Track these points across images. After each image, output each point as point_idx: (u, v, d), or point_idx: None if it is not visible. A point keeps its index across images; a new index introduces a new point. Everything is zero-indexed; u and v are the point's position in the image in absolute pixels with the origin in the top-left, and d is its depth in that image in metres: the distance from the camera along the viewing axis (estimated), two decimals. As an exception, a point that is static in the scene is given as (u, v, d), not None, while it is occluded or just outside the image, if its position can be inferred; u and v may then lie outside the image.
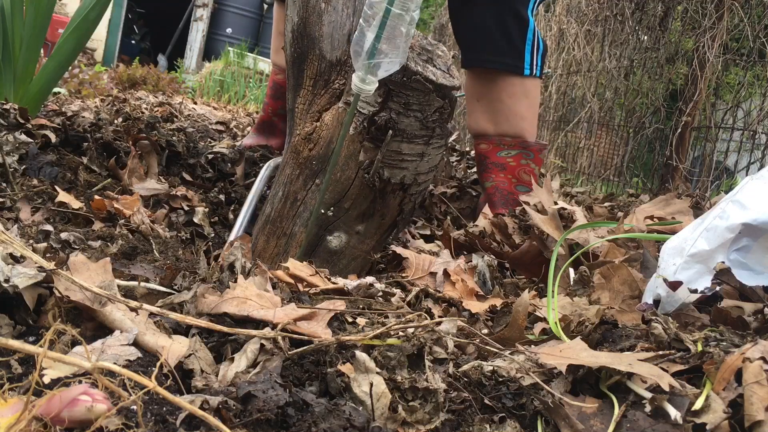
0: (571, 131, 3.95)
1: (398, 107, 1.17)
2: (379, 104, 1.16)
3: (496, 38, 1.89)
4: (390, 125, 1.16)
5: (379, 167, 1.19)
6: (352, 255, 1.30)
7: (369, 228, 1.29)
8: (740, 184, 1.05)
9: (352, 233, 1.28)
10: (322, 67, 1.27)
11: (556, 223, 1.43)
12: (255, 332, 0.81)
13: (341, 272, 1.30)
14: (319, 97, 1.27)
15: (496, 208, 1.89)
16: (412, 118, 1.18)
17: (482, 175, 1.97)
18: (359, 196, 1.24)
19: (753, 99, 2.85)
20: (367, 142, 1.19)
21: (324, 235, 1.28)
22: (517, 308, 0.95)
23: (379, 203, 1.26)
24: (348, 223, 1.27)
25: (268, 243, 1.33)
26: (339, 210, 1.25)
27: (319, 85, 1.28)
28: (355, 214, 1.26)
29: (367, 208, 1.26)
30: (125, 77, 5.58)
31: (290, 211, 1.29)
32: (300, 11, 1.27)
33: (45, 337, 0.59)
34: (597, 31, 3.67)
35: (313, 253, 1.28)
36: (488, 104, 1.94)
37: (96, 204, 1.40)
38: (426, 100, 1.18)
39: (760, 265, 0.98)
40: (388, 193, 1.25)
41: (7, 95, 2.01)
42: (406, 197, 1.28)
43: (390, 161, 1.20)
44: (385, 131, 1.16)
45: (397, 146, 1.19)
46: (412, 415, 0.72)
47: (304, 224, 1.27)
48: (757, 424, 0.68)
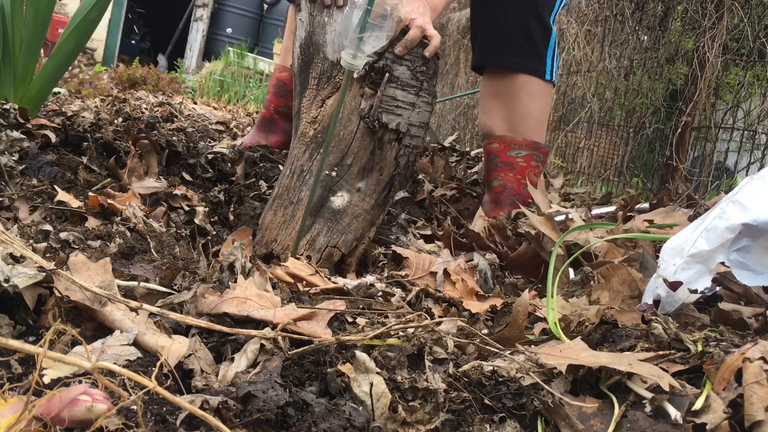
0: (571, 131, 3.95)
1: (392, 56, 1.37)
2: (377, 56, 1.36)
3: (521, 41, 1.94)
4: (387, 69, 1.36)
5: (378, 110, 1.36)
6: (354, 213, 1.42)
7: (369, 184, 1.43)
8: (740, 184, 1.04)
9: (354, 191, 1.42)
10: (325, 66, 1.44)
11: (552, 225, 1.43)
12: (255, 332, 0.81)
13: (344, 231, 1.42)
14: (323, 90, 1.44)
15: (502, 207, 1.89)
16: (404, 66, 1.38)
17: (490, 174, 1.97)
18: (360, 148, 1.39)
19: (753, 99, 2.85)
20: (368, 88, 1.37)
21: (328, 196, 1.41)
22: (517, 308, 0.95)
23: (378, 155, 1.41)
24: (350, 181, 1.41)
25: (275, 215, 1.44)
26: (342, 168, 1.40)
27: (322, 81, 1.44)
28: (357, 170, 1.41)
29: (367, 161, 1.40)
30: (125, 77, 5.58)
31: (297, 182, 1.43)
32: (307, 27, 1.47)
33: (45, 337, 0.59)
34: (597, 31, 3.67)
35: (318, 214, 1.40)
36: (505, 102, 1.97)
37: (90, 201, 1.40)
38: (416, 53, 1.39)
39: (760, 265, 0.98)
40: (386, 143, 1.40)
41: (7, 95, 2.01)
42: (401, 149, 1.42)
43: (387, 106, 1.37)
44: (383, 75, 1.36)
45: (392, 92, 1.37)
46: (412, 415, 0.72)
47: (309, 188, 1.40)
48: (757, 424, 0.68)
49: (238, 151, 2.10)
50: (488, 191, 1.98)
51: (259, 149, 2.20)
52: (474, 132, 4.91)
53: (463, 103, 5.12)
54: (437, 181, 2.22)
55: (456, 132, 4.81)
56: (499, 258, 1.48)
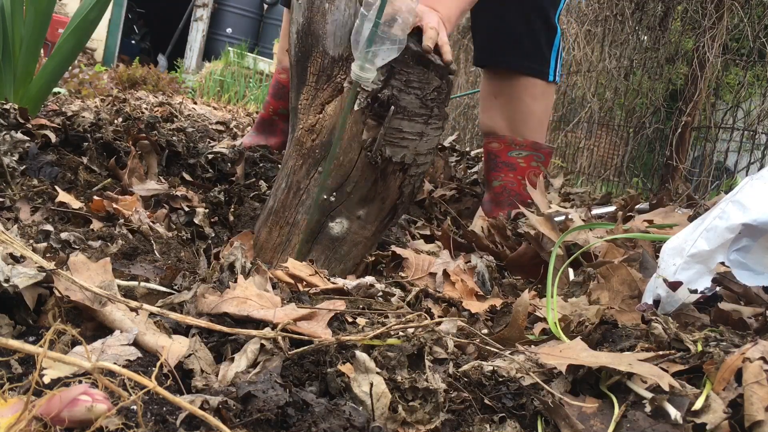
0: (571, 131, 3.95)
1: (400, 84, 1.20)
2: (382, 82, 1.20)
3: (525, 42, 1.92)
4: (392, 101, 1.20)
5: (381, 144, 1.22)
6: (354, 241, 1.33)
7: (370, 213, 1.32)
8: (740, 184, 1.04)
9: (354, 218, 1.30)
10: (325, 62, 1.29)
11: (552, 225, 1.43)
12: (255, 332, 0.81)
13: (342, 259, 1.33)
14: (322, 92, 1.30)
15: (502, 207, 1.89)
16: (412, 95, 1.22)
17: (490, 174, 1.96)
18: (361, 179, 1.27)
19: (753, 99, 2.85)
20: (371, 120, 1.22)
21: (326, 222, 1.30)
22: (517, 308, 0.95)
23: (381, 185, 1.28)
24: (350, 208, 1.30)
25: (270, 234, 1.35)
26: (341, 194, 1.28)
27: (322, 80, 1.30)
28: (357, 198, 1.29)
29: (368, 191, 1.28)
30: (125, 77, 5.58)
31: (293, 201, 1.31)
32: (305, 12, 1.30)
33: (45, 337, 0.59)
34: (597, 31, 3.67)
35: (315, 240, 1.30)
36: (507, 103, 1.95)
37: (95, 205, 1.39)
38: (426, 78, 1.23)
39: (760, 265, 0.98)
40: (389, 174, 1.28)
41: (7, 95, 2.01)
42: (405, 179, 1.31)
43: (391, 139, 1.24)
44: (388, 107, 1.20)
45: (398, 124, 1.23)
46: (412, 415, 0.72)
47: (307, 212, 1.29)
48: (757, 424, 0.68)
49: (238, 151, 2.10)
50: (488, 191, 1.98)
51: (258, 149, 2.20)
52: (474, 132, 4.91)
53: (463, 103, 5.12)
54: (437, 181, 2.22)
55: (456, 132, 4.80)
56: (499, 258, 1.49)
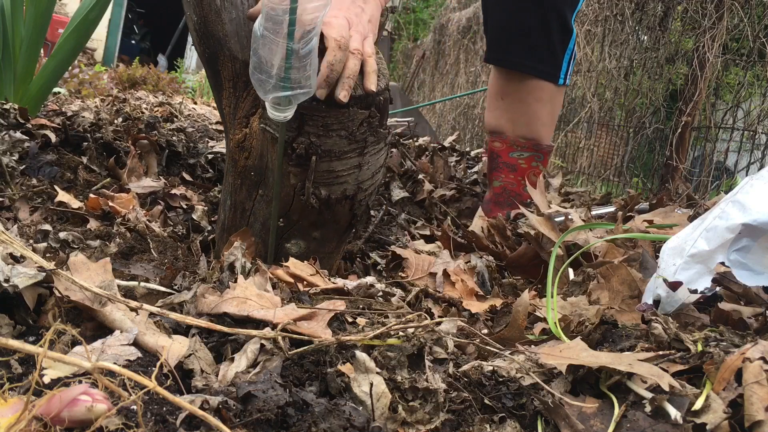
0: (571, 131, 3.95)
1: (317, 130, 1.05)
2: (296, 129, 1.04)
3: (538, 42, 1.85)
4: (312, 150, 1.05)
5: (312, 190, 1.09)
6: (319, 256, 1.25)
7: (326, 233, 1.22)
8: (740, 184, 1.04)
9: (310, 239, 1.22)
10: (237, 67, 1.17)
11: (552, 225, 1.43)
12: (255, 332, 0.81)
13: None
14: (243, 101, 1.19)
15: (502, 208, 1.89)
16: (335, 137, 1.06)
17: (491, 174, 1.96)
18: (304, 210, 1.16)
19: (753, 99, 2.85)
20: (293, 167, 1.07)
21: (282, 243, 1.22)
22: (517, 308, 0.95)
23: (328, 214, 1.17)
24: (302, 231, 1.20)
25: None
26: (289, 221, 1.18)
27: (239, 87, 1.19)
28: (307, 224, 1.19)
29: (316, 219, 1.18)
30: (125, 77, 5.58)
31: (241, 221, 1.24)
32: (196, 9, 1.16)
33: (45, 337, 0.59)
34: (597, 31, 3.67)
35: (276, 260, 1.22)
36: (512, 104, 1.92)
37: (91, 203, 1.39)
38: (347, 116, 1.05)
39: (760, 265, 0.98)
40: (334, 204, 1.16)
41: (7, 95, 2.01)
42: (354, 203, 1.19)
43: (324, 180, 1.10)
44: (308, 158, 1.05)
45: (328, 166, 1.08)
46: (412, 415, 0.72)
47: (258, 236, 1.22)
48: (757, 424, 0.68)
49: None
50: (489, 190, 1.98)
51: None
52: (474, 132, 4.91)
53: (463, 103, 5.12)
54: (437, 181, 2.22)
55: (456, 132, 4.81)
56: (499, 258, 1.49)
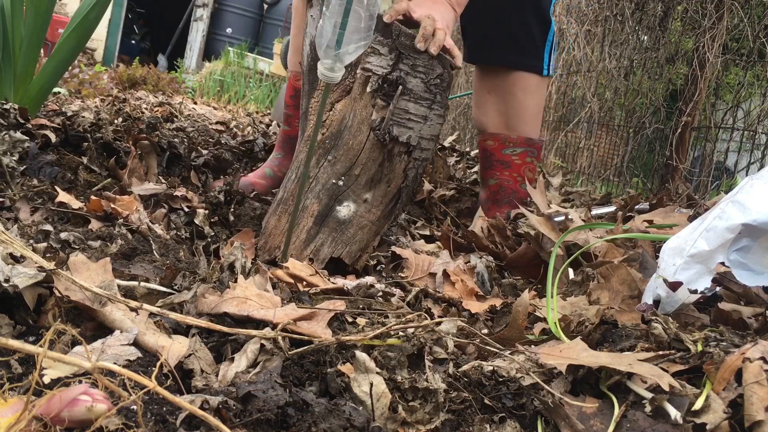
0: (571, 131, 3.95)
1: (407, 68, 1.33)
2: (391, 66, 1.33)
3: (518, 37, 1.89)
4: (400, 82, 1.32)
5: (389, 123, 1.33)
6: (360, 224, 1.40)
7: (376, 196, 1.40)
8: (740, 184, 1.05)
9: (360, 202, 1.39)
10: None
11: (552, 225, 1.43)
12: (255, 332, 0.81)
13: (349, 242, 1.40)
14: (332, 93, 1.40)
15: (500, 206, 1.89)
16: (418, 79, 1.34)
17: (486, 173, 1.96)
18: (369, 160, 1.36)
19: (753, 99, 2.85)
20: (380, 100, 1.34)
21: (334, 206, 1.38)
22: (517, 308, 0.95)
23: (387, 167, 1.38)
24: (357, 192, 1.38)
25: (279, 221, 1.41)
26: (349, 178, 1.37)
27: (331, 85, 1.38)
28: (364, 181, 1.38)
29: (375, 173, 1.37)
30: (125, 77, 5.58)
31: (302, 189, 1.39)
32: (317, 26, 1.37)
33: (45, 337, 0.59)
34: (597, 31, 3.67)
35: (323, 223, 1.38)
36: (500, 98, 1.93)
37: (92, 204, 1.39)
38: (430, 65, 1.34)
39: (760, 265, 0.98)
40: (395, 155, 1.37)
41: (7, 95, 2.01)
42: (410, 162, 1.40)
43: (398, 119, 1.34)
44: (396, 87, 1.32)
45: (405, 105, 1.34)
46: (412, 415, 0.72)
47: (316, 197, 1.38)
48: (757, 424, 0.68)
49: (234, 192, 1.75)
50: (484, 189, 1.97)
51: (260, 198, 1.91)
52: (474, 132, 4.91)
53: (463, 103, 5.12)
54: (437, 181, 2.22)
55: (456, 132, 4.81)
56: (499, 258, 1.49)
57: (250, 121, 4.24)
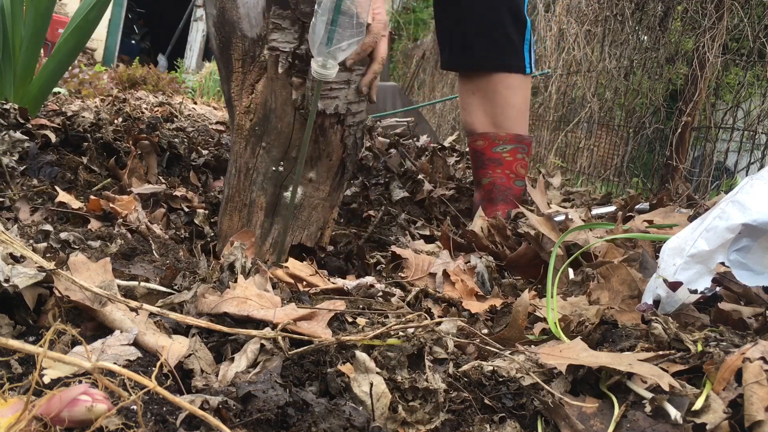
0: (571, 131, 3.95)
1: None
2: (297, 39, 1.26)
3: (496, 38, 1.90)
4: (311, 54, 1.20)
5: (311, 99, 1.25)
6: (311, 205, 1.38)
7: (320, 173, 1.36)
8: (740, 184, 1.04)
9: (306, 182, 1.35)
10: (246, 45, 1.33)
11: (552, 225, 1.43)
12: (255, 332, 0.81)
13: (305, 225, 1.38)
14: (250, 74, 1.34)
15: (495, 204, 1.89)
16: None
17: (478, 172, 1.96)
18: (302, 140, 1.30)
19: (753, 99, 2.85)
20: (296, 78, 1.27)
21: (280, 193, 1.35)
22: (517, 308, 0.95)
23: (322, 142, 1.33)
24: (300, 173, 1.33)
25: (231, 220, 1.38)
26: (288, 162, 1.33)
27: (247, 63, 1.35)
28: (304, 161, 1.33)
29: (312, 151, 1.33)
30: (125, 77, 5.58)
31: (245, 182, 1.36)
32: (217, 4, 1.35)
33: (45, 337, 0.59)
34: (597, 31, 3.67)
35: (275, 213, 1.35)
36: (485, 97, 1.94)
37: (92, 204, 1.39)
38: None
39: (760, 265, 0.98)
40: (328, 128, 1.32)
41: (7, 95, 2.01)
42: (345, 130, 1.35)
43: (320, 92, 1.26)
44: (308, 61, 1.22)
45: None
46: (412, 415, 0.72)
47: (260, 188, 1.34)
48: (757, 424, 0.68)
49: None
50: (479, 189, 1.98)
51: None
52: (474, 132, 4.90)
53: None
54: (436, 181, 2.22)
55: (456, 132, 4.81)
56: (499, 258, 1.49)
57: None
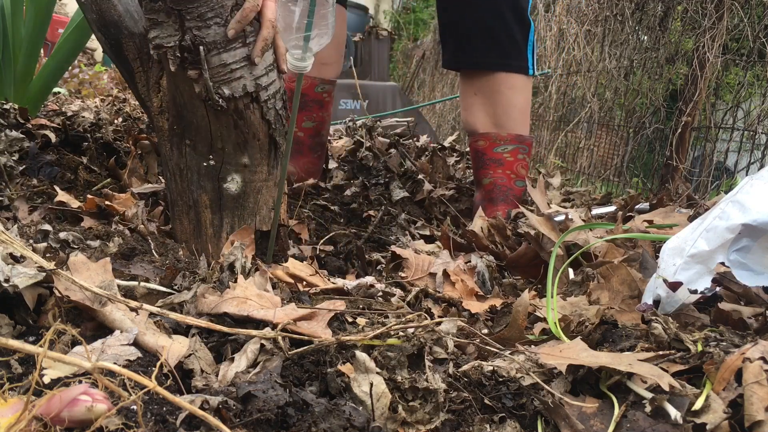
0: (571, 131, 3.95)
1: (195, 23, 1.12)
2: (178, 31, 1.13)
3: (499, 39, 1.91)
4: (197, 41, 1.13)
5: (215, 88, 1.17)
6: (255, 189, 1.32)
7: (252, 155, 1.30)
8: (740, 184, 1.05)
9: (242, 168, 1.29)
10: (137, 42, 1.30)
11: (552, 225, 1.43)
12: (255, 332, 0.81)
13: (254, 211, 1.33)
14: (150, 71, 1.31)
15: (496, 204, 1.89)
16: (214, 26, 1.14)
17: (479, 172, 1.96)
18: (222, 129, 1.24)
19: (753, 99, 2.85)
20: (191, 71, 1.16)
21: (221, 185, 1.30)
22: (517, 308, 0.95)
23: (243, 125, 1.25)
24: (232, 162, 1.28)
25: (182, 224, 1.34)
26: (216, 154, 1.27)
27: (144, 60, 1.31)
28: (232, 149, 1.27)
29: (236, 136, 1.26)
30: (125, 77, 5.57)
31: (182, 183, 1.32)
32: (92, 5, 1.29)
33: (45, 337, 0.59)
34: (597, 31, 3.67)
35: (221, 208, 1.31)
36: (487, 98, 1.94)
37: (88, 204, 1.40)
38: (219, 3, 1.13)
39: (760, 265, 0.98)
40: (243, 110, 1.23)
41: (7, 95, 2.01)
42: (262, 107, 1.25)
43: (222, 78, 1.18)
44: (197, 51, 1.14)
45: (219, 60, 1.16)
46: (412, 415, 0.72)
47: (199, 186, 1.30)
48: (757, 424, 0.68)
49: None
50: (479, 189, 1.98)
51: None
52: (474, 132, 4.90)
53: (463, 103, 5.12)
54: (436, 181, 2.22)
55: (456, 132, 4.81)
56: (499, 258, 1.49)
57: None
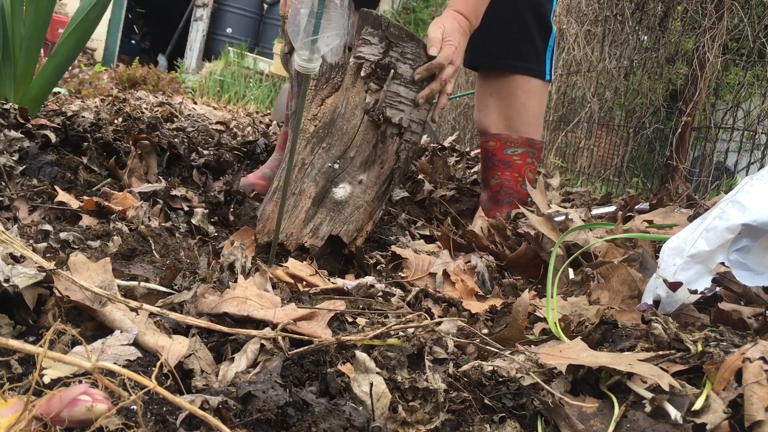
0: (571, 131, 3.95)
1: (397, 55, 1.44)
2: (382, 53, 1.44)
3: (520, 42, 1.93)
4: (391, 66, 1.44)
5: (383, 105, 1.43)
6: (356, 204, 1.48)
7: (370, 177, 1.48)
8: (740, 184, 1.04)
9: (356, 183, 1.47)
10: (324, 69, 1.51)
11: (552, 225, 1.43)
12: (255, 332, 0.81)
13: (346, 221, 1.47)
14: (322, 90, 1.50)
15: (501, 206, 1.89)
16: (407, 65, 1.45)
17: (487, 173, 1.96)
18: (363, 142, 1.45)
19: (753, 99, 2.85)
20: (373, 84, 1.44)
21: (330, 187, 1.46)
22: (517, 308, 0.95)
23: (380, 148, 1.47)
24: (352, 173, 1.46)
25: (276, 206, 1.45)
26: (344, 161, 1.46)
27: (321, 83, 1.51)
28: (359, 163, 1.46)
29: (369, 154, 1.46)
30: (125, 77, 5.58)
31: (298, 174, 1.47)
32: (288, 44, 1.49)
33: (45, 337, 0.59)
34: (597, 31, 3.67)
35: (321, 204, 1.45)
36: (502, 99, 1.95)
37: (87, 204, 1.40)
38: (418, 53, 1.46)
39: (760, 265, 0.98)
40: (388, 137, 1.47)
41: (7, 95, 2.01)
42: (401, 144, 1.49)
43: (390, 101, 1.45)
44: (388, 71, 1.43)
45: (396, 88, 1.45)
46: (412, 415, 0.72)
47: (313, 180, 1.45)
48: (757, 424, 0.68)
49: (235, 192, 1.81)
50: (486, 190, 1.98)
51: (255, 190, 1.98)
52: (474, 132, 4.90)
53: (463, 103, 5.12)
54: (437, 181, 2.22)
55: (456, 132, 4.81)
56: (499, 258, 1.49)
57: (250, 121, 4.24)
